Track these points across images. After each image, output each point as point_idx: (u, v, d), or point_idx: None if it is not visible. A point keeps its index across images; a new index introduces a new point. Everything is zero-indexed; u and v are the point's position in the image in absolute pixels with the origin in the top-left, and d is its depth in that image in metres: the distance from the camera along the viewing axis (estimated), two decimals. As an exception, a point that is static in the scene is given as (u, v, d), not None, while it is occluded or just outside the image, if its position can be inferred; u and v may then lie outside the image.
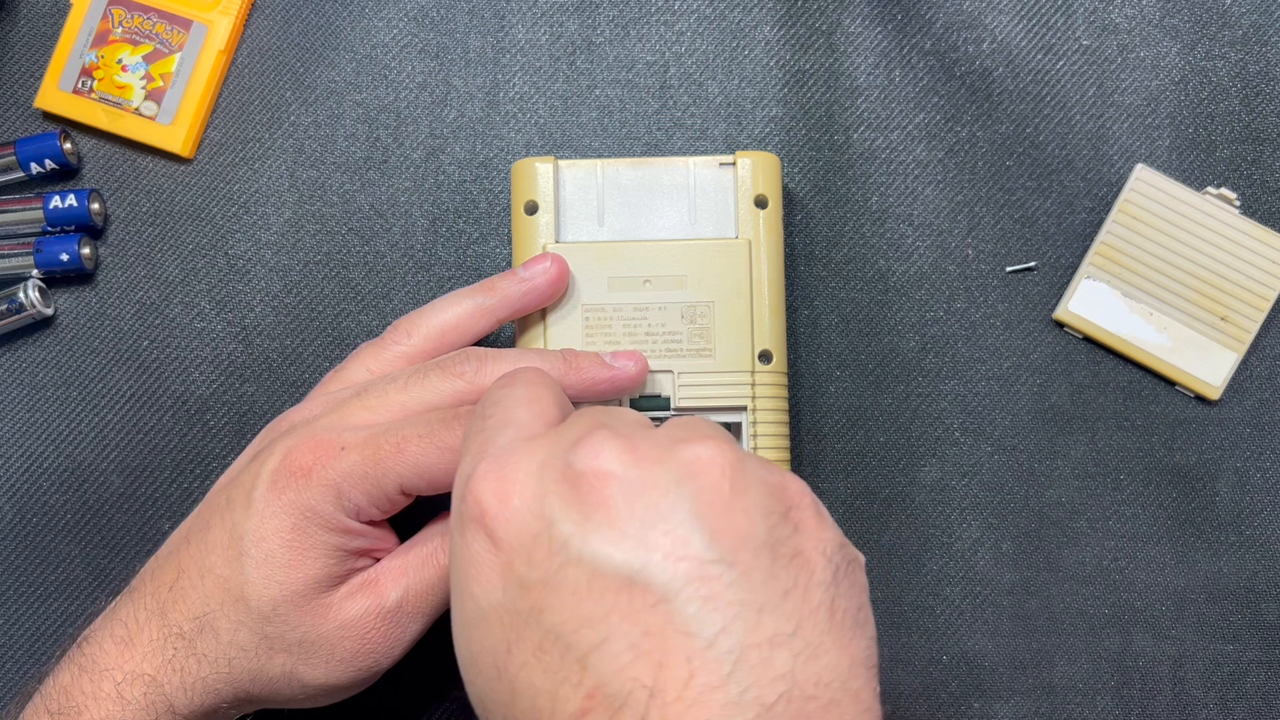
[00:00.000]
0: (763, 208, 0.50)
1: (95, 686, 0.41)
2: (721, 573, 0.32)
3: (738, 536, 0.33)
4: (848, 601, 0.34)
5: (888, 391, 0.54)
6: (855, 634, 0.34)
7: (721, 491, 0.33)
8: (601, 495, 0.33)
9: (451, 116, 0.56)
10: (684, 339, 0.49)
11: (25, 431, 0.55)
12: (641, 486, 0.33)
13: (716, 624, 0.31)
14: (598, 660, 0.32)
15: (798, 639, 0.32)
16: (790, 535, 0.34)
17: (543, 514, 0.34)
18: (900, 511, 0.53)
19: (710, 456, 0.34)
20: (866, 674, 0.33)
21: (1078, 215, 0.54)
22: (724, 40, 0.56)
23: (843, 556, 0.35)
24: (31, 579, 0.54)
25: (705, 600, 0.32)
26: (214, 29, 0.56)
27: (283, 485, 0.42)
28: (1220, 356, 0.52)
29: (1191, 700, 0.52)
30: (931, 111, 0.55)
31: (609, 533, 0.33)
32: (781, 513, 0.34)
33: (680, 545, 0.32)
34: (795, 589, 0.33)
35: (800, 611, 0.32)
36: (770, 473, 0.35)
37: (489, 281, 0.48)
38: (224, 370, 0.55)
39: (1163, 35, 0.55)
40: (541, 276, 0.48)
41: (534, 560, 0.33)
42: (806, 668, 0.32)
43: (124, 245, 0.56)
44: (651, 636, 0.32)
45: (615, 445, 0.34)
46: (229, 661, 0.42)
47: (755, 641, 0.31)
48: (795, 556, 0.33)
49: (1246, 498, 0.53)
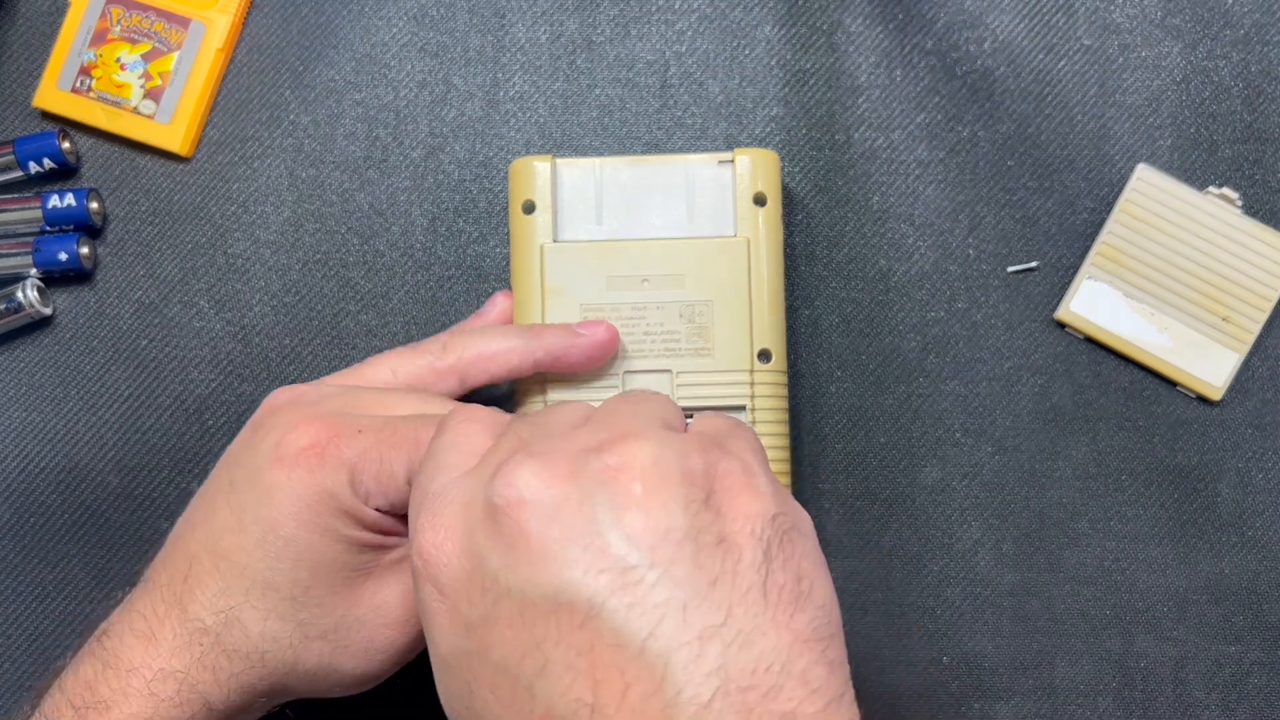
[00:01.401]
0: (762, 205, 0.50)
1: (123, 682, 0.40)
2: (644, 575, 0.32)
3: (656, 535, 0.32)
4: (784, 576, 0.33)
5: (888, 392, 0.54)
6: (796, 609, 0.33)
7: (634, 494, 0.33)
8: (519, 524, 0.33)
9: (451, 115, 0.56)
10: (682, 338, 0.49)
11: (23, 431, 0.55)
12: (555, 507, 0.33)
13: (644, 629, 0.31)
14: (542, 687, 0.32)
15: (728, 628, 0.31)
16: (713, 521, 0.33)
17: (474, 552, 0.34)
18: (901, 512, 0.53)
19: (621, 461, 0.34)
20: (814, 649, 0.32)
21: (1079, 215, 0.54)
22: (725, 39, 0.55)
23: (775, 529, 0.34)
24: (29, 579, 0.54)
25: (630, 608, 0.31)
26: (213, 27, 0.56)
27: (292, 463, 0.41)
28: (1222, 357, 0.52)
29: (1193, 701, 0.52)
30: (933, 111, 0.55)
31: (531, 561, 0.33)
32: (701, 500, 0.33)
33: (599, 558, 0.32)
34: (723, 575, 0.32)
35: (730, 598, 0.32)
36: (689, 457, 0.34)
37: (539, 327, 0.48)
38: (223, 370, 0.55)
39: (1164, 35, 0.55)
40: (588, 339, 0.48)
41: (473, 600, 0.34)
42: (740, 657, 0.31)
43: (123, 244, 0.56)
44: (584, 655, 0.31)
45: (528, 469, 0.34)
46: (262, 655, 0.41)
47: (685, 640, 0.31)
48: (720, 542, 0.33)
49: (1248, 498, 0.53)
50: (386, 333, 0.55)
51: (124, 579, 0.54)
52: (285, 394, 0.45)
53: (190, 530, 0.43)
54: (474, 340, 0.47)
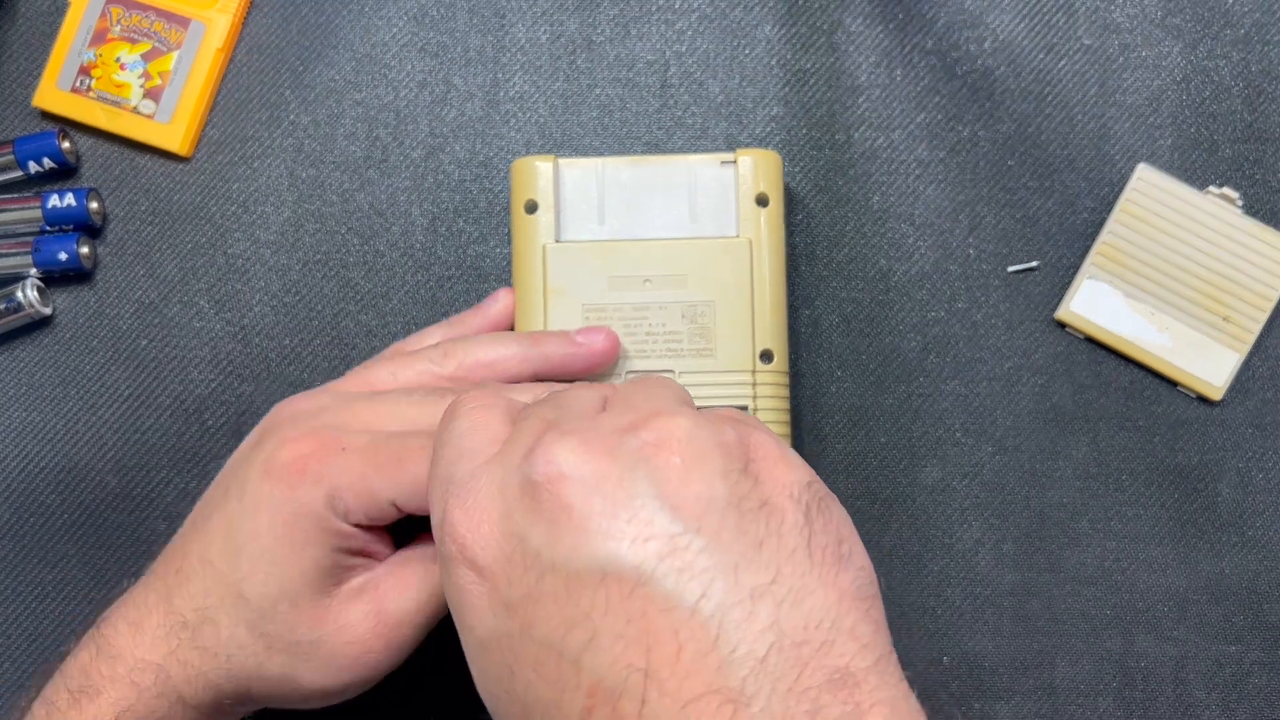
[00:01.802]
0: (764, 206, 0.50)
1: (111, 669, 0.42)
2: (690, 542, 0.32)
3: (700, 504, 0.33)
4: (825, 538, 0.34)
5: (889, 392, 0.54)
6: (840, 568, 0.33)
7: (674, 466, 0.33)
8: (561, 500, 0.33)
9: (451, 115, 0.56)
10: (684, 338, 0.49)
11: (22, 431, 0.55)
12: (597, 481, 0.33)
13: (695, 592, 0.32)
14: (590, 658, 0.32)
15: (779, 585, 0.32)
16: (753, 488, 0.34)
17: (512, 532, 0.34)
18: (901, 512, 0.53)
19: (658, 437, 0.34)
20: (860, 607, 0.33)
21: (1079, 215, 0.54)
22: (725, 39, 0.55)
23: (812, 495, 0.34)
24: (28, 578, 0.54)
25: (680, 572, 0.32)
26: (212, 27, 0.56)
27: (275, 478, 0.42)
28: (1222, 357, 0.52)
29: (1194, 702, 0.52)
30: (933, 111, 0.55)
31: (575, 534, 0.33)
32: (740, 469, 0.34)
33: (645, 527, 0.33)
34: (769, 538, 0.33)
35: (777, 558, 0.32)
36: (723, 431, 0.35)
37: (539, 334, 0.48)
38: (222, 370, 0.55)
39: (1165, 34, 0.55)
40: (587, 347, 0.48)
41: (514, 579, 0.34)
42: (792, 614, 0.32)
43: (122, 244, 0.56)
44: (635, 622, 0.32)
45: (565, 446, 0.34)
46: (228, 657, 0.42)
47: (736, 599, 0.31)
48: (763, 506, 0.33)
49: (1249, 498, 0.53)
50: (386, 333, 0.55)
51: (122, 579, 0.53)
52: (288, 408, 0.46)
53: (191, 529, 0.44)
54: (474, 347, 0.47)
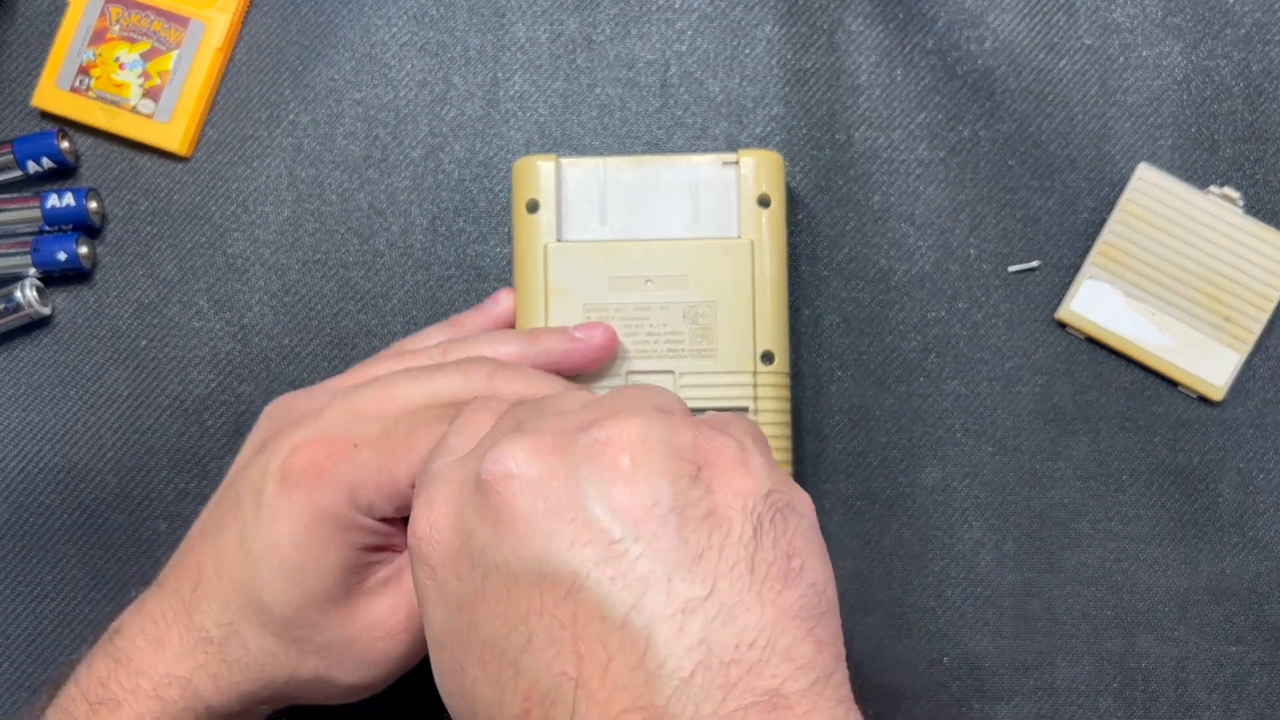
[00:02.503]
0: (765, 207, 0.50)
1: (133, 682, 0.41)
2: (627, 548, 0.32)
3: (641, 508, 0.32)
4: (773, 553, 0.33)
5: (889, 392, 0.54)
6: (784, 585, 0.32)
7: (620, 467, 0.33)
8: (506, 499, 0.33)
9: (451, 115, 0.56)
10: (685, 339, 0.49)
11: (22, 431, 0.55)
12: (541, 480, 0.33)
13: (627, 602, 0.31)
14: (527, 661, 0.32)
15: (713, 601, 0.31)
16: (702, 496, 0.33)
17: (463, 529, 0.34)
18: (902, 512, 0.53)
19: (609, 435, 0.34)
20: (801, 627, 0.32)
21: (1080, 215, 0.54)
22: (725, 38, 0.55)
23: (769, 505, 0.33)
24: (28, 578, 0.54)
25: (614, 580, 0.31)
26: (211, 26, 0.55)
27: (293, 485, 0.42)
28: (1223, 357, 0.52)
29: (1195, 702, 0.52)
30: (934, 110, 0.55)
31: (516, 534, 0.33)
32: (690, 475, 0.33)
33: (584, 530, 0.32)
34: (710, 550, 0.32)
35: (715, 572, 0.32)
36: (678, 434, 0.34)
37: (538, 332, 0.48)
38: (222, 370, 0.55)
39: (1165, 34, 0.55)
40: (587, 342, 0.48)
41: (461, 576, 0.34)
42: (723, 631, 0.31)
43: (122, 244, 0.55)
44: (568, 628, 0.31)
45: (516, 445, 0.34)
46: (261, 667, 0.42)
47: (667, 613, 0.31)
48: (708, 516, 0.33)
49: (1250, 499, 0.53)
50: (386, 333, 0.55)
51: (122, 579, 0.54)
52: (284, 409, 0.46)
53: (203, 541, 0.44)
54: (473, 346, 0.47)
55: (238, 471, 0.45)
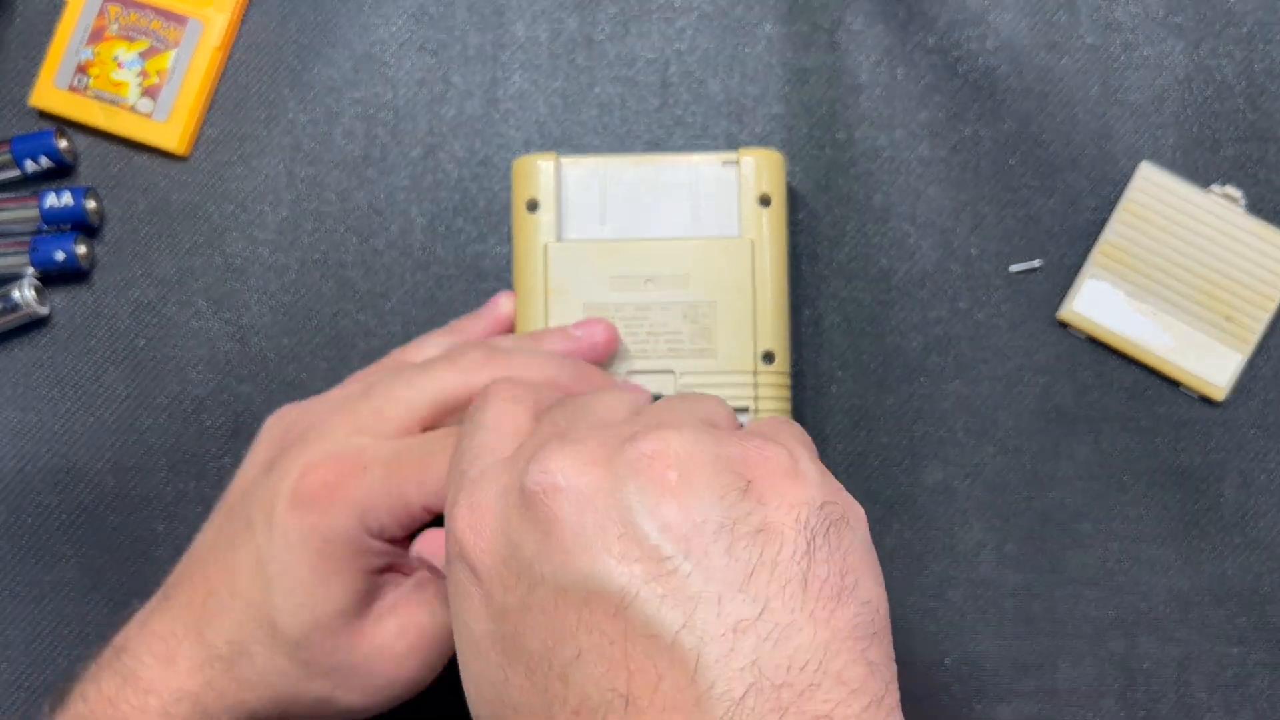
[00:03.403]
0: (766, 206, 0.49)
1: (142, 701, 0.41)
2: (677, 565, 0.31)
3: (690, 524, 0.32)
4: (828, 568, 0.32)
5: (890, 392, 0.53)
6: (838, 604, 0.31)
7: (668, 482, 0.32)
8: (553, 512, 0.33)
9: (450, 114, 0.55)
10: (686, 339, 0.49)
11: (20, 431, 0.54)
12: (589, 495, 0.33)
13: (677, 621, 0.30)
14: (577, 675, 0.31)
15: (765, 621, 0.30)
16: (752, 510, 0.32)
17: (509, 539, 0.34)
18: (903, 513, 0.53)
19: (655, 449, 0.33)
20: (855, 648, 0.31)
21: (1082, 214, 0.54)
22: (725, 37, 0.55)
23: (823, 518, 0.32)
24: (26, 579, 0.54)
25: (663, 598, 0.31)
26: (210, 25, 0.55)
27: (304, 508, 0.42)
28: (1225, 357, 0.52)
29: (1197, 703, 0.52)
30: (935, 109, 0.55)
31: (564, 549, 0.32)
32: (741, 489, 0.32)
33: (632, 547, 0.32)
34: (761, 566, 0.31)
35: (768, 591, 0.31)
36: (727, 446, 0.33)
37: (537, 334, 0.48)
38: (220, 370, 0.54)
39: (1167, 33, 0.55)
40: (587, 340, 0.48)
41: (508, 586, 0.33)
42: (775, 653, 0.30)
43: (120, 244, 0.55)
44: (618, 645, 0.31)
45: (562, 457, 0.33)
46: (268, 686, 0.42)
47: (718, 632, 0.30)
48: (760, 532, 0.32)
49: (1252, 499, 0.52)
50: (385, 333, 0.54)
51: (120, 580, 0.53)
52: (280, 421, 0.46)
53: (211, 559, 0.44)
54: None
55: (246, 490, 0.45)
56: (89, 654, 0.44)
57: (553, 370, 0.44)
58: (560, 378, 0.44)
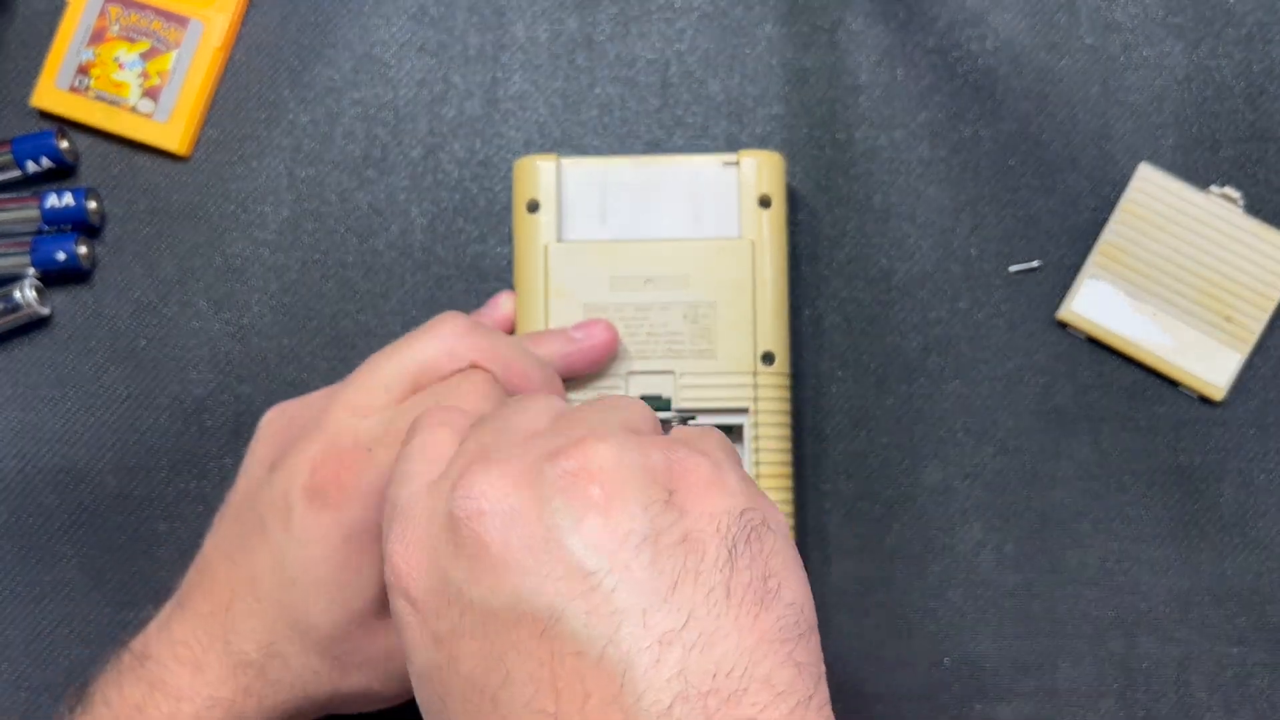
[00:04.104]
0: (766, 207, 0.50)
1: (174, 707, 0.41)
2: (601, 581, 0.31)
3: (614, 539, 0.32)
4: (750, 574, 0.32)
5: (890, 392, 0.53)
6: (761, 609, 0.31)
7: (592, 497, 0.32)
8: (479, 536, 0.33)
9: (450, 114, 0.55)
10: (686, 339, 0.49)
11: (21, 431, 0.54)
12: (514, 515, 0.32)
13: (604, 636, 0.31)
14: (507, 698, 0.31)
15: (690, 630, 0.30)
16: (675, 521, 0.32)
17: (439, 566, 0.34)
18: (903, 513, 0.53)
19: (578, 465, 0.33)
20: (780, 651, 0.31)
21: (1081, 214, 0.54)
22: (725, 37, 0.55)
23: (742, 525, 0.32)
24: (27, 579, 0.54)
25: (589, 614, 0.31)
26: (211, 26, 0.55)
27: (321, 505, 0.41)
28: (1224, 357, 0.52)
29: (1196, 703, 0.52)
30: (935, 110, 0.55)
31: (492, 572, 0.32)
32: (663, 500, 0.32)
33: (557, 565, 0.32)
34: (684, 576, 0.31)
35: (692, 600, 0.31)
36: (649, 456, 0.33)
37: (537, 336, 0.48)
38: (221, 370, 0.55)
39: (1167, 34, 0.55)
40: (588, 341, 0.48)
41: (440, 613, 0.33)
42: (701, 660, 0.30)
43: (121, 244, 0.55)
44: (546, 665, 0.31)
45: (486, 478, 0.33)
46: (304, 685, 0.42)
47: (644, 644, 0.30)
48: (682, 542, 0.32)
49: (1251, 499, 0.52)
50: (385, 333, 0.54)
51: (121, 579, 0.53)
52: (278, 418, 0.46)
53: (228, 564, 0.43)
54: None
55: (253, 490, 0.44)
56: (103, 656, 0.44)
57: (527, 365, 0.45)
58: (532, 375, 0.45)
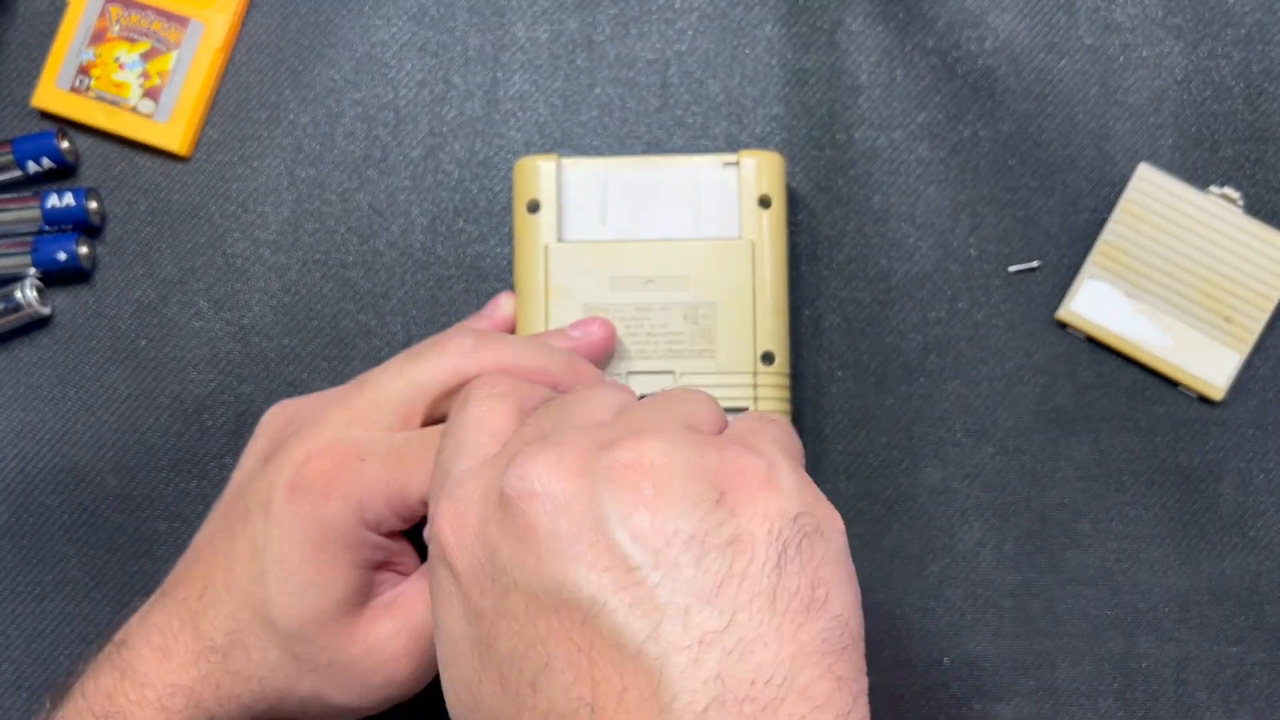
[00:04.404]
0: (766, 208, 0.50)
1: (139, 694, 0.41)
2: (646, 576, 0.31)
3: (662, 535, 0.32)
4: (797, 581, 0.32)
5: (890, 392, 0.53)
6: (806, 618, 0.31)
7: (642, 492, 0.32)
8: (529, 517, 0.33)
9: (451, 115, 0.56)
10: (686, 339, 0.49)
11: (21, 431, 0.55)
12: (564, 501, 0.33)
13: (643, 631, 0.31)
14: (545, 683, 0.31)
15: (730, 634, 0.30)
16: (725, 521, 0.32)
17: (487, 542, 0.34)
18: (902, 513, 0.53)
19: (632, 458, 0.33)
20: (821, 663, 0.31)
21: (1081, 215, 0.54)
22: (725, 38, 0.55)
23: (796, 529, 0.32)
24: (27, 579, 0.54)
25: (630, 608, 0.31)
26: (211, 26, 0.55)
27: (301, 497, 0.41)
28: (1224, 357, 0.52)
29: (1195, 703, 0.52)
30: (934, 110, 0.55)
31: (537, 555, 0.32)
32: (714, 499, 0.32)
33: (604, 556, 0.32)
34: (730, 579, 0.31)
35: (735, 603, 0.31)
36: (704, 455, 0.33)
37: (536, 336, 0.48)
38: (221, 370, 0.55)
39: (1166, 34, 0.55)
40: (586, 339, 0.48)
41: (484, 589, 0.33)
42: (739, 666, 0.30)
43: (121, 244, 0.55)
44: (585, 653, 0.31)
45: (541, 461, 0.33)
46: (260, 680, 0.42)
47: (683, 644, 0.30)
48: (732, 543, 0.32)
49: (1250, 499, 0.53)
50: (386, 333, 0.54)
51: (122, 579, 0.54)
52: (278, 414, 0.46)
53: (210, 552, 0.43)
54: None
55: (245, 482, 0.45)
56: (89, 651, 0.44)
57: (542, 359, 0.44)
58: (550, 367, 0.44)
